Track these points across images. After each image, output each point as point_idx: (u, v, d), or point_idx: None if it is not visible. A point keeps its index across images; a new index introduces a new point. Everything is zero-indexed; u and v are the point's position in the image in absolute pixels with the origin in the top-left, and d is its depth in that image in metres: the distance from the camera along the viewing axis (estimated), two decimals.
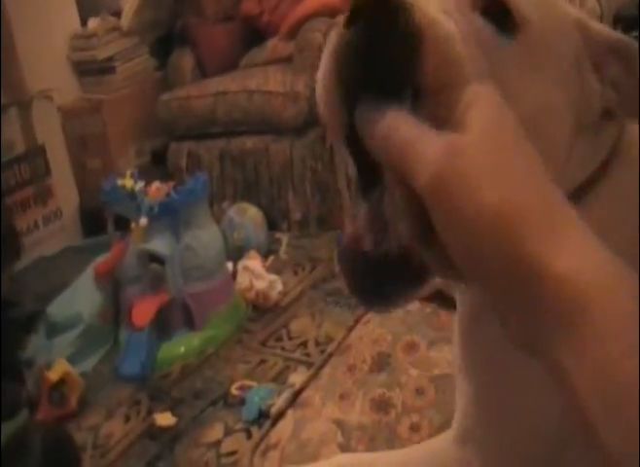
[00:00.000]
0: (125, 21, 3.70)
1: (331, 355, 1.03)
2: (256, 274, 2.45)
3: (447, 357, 0.94)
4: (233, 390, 1.98)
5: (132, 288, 2.39)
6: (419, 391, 0.90)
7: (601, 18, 2.53)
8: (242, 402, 1.90)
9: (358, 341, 1.05)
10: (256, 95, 3.13)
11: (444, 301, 1.07)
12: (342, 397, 0.93)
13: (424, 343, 0.97)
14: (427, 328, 1.01)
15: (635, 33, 2.76)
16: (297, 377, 1.81)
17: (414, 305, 1.06)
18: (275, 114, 3.08)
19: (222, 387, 2.04)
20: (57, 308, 2.44)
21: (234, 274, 2.52)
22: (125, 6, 3.76)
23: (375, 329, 1.06)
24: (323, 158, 3.03)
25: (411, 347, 0.98)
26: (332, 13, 3.10)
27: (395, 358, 0.96)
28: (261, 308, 2.43)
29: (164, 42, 3.78)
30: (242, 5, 3.71)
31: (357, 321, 1.12)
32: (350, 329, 1.09)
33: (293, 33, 3.22)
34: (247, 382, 2.00)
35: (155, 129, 3.56)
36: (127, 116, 3.55)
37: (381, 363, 0.97)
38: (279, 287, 2.45)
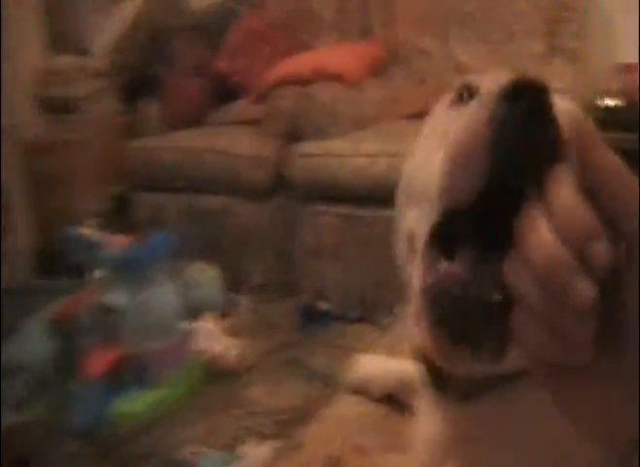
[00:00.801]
0: (96, 62, 3.75)
1: (285, 452, 1.09)
2: (212, 337, 2.48)
3: (396, 465, 1.01)
4: (187, 454, 2.00)
5: (87, 339, 2.39)
6: None
7: None
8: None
9: (312, 438, 1.10)
10: (222, 156, 3.21)
11: (396, 405, 1.12)
12: None
13: (375, 448, 1.03)
14: (379, 432, 1.07)
15: (599, 132, 2.92)
16: (246, 449, 1.85)
17: (368, 407, 1.13)
18: (240, 176, 3.16)
19: (172, 450, 2.05)
20: (5, 351, 2.43)
21: (191, 335, 2.54)
22: (98, 46, 3.80)
23: (328, 428, 1.11)
24: (285, 225, 3.11)
25: (362, 450, 1.03)
26: (302, 82, 3.19)
27: (344, 461, 1.01)
28: (216, 372, 2.46)
29: (133, 88, 3.81)
30: (214, 62, 3.79)
31: (310, 417, 1.17)
32: (304, 425, 1.14)
33: (263, 97, 3.30)
34: (198, 448, 2.02)
35: (119, 176, 3.59)
36: (92, 159, 3.57)
37: (332, 464, 1.02)
38: (235, 351, 2.48)
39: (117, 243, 2.53)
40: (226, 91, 3.76)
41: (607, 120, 2.98)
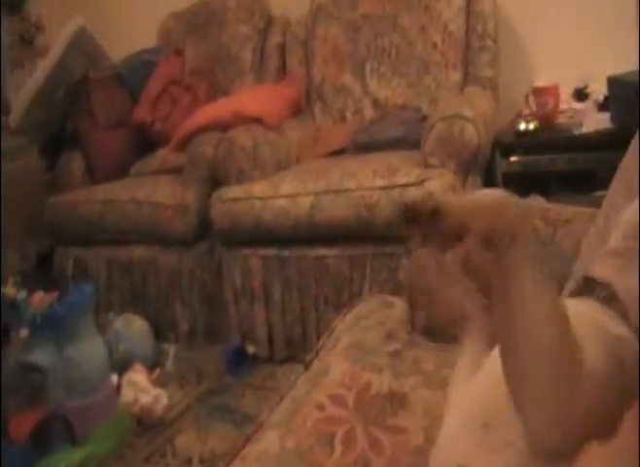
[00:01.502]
0: (14, 120, 3.75)
1: None
2: (140, 388, 2.48)
3: None
4: None
5: (11, 400, 2.38)
6: None
7: (479, 146, 2.75)
8: None
9: None
10: (145, 206, 3.23)
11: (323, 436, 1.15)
12: None
13: None
14: (302, 465, 1.09)
15: (513, 157, 3.02)
16: None
17: (290, 442, 1.15)
18: (164, 225, 3.18)
19: None
20: None
21: (119, 388, 2.53)
22: (15, 104, 3.80)
23: (252, 464, 1.13)
24: (211, 270, 3.12)
25: None
26: (222, 127, 3.23)
27: None
28: (145, 423, 2.45)
29: (54, 143, 3.82)
30: (134, 112, 3.81)
31: (234, 456, 1.18)
32: (228, 464, 1.16)
33: (183, 145, 3.33)
34: None
35: (41, 232, 3.57)
36: (13, 216, 3.55)
37: None
38: (164, 401, 2.48)
39: (39, 301, 2.52)
40: (147, 141, 3.78)
41: (523, 143, 3.08)
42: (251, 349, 2.88)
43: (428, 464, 0.92)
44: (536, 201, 1.63)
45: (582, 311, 0.83)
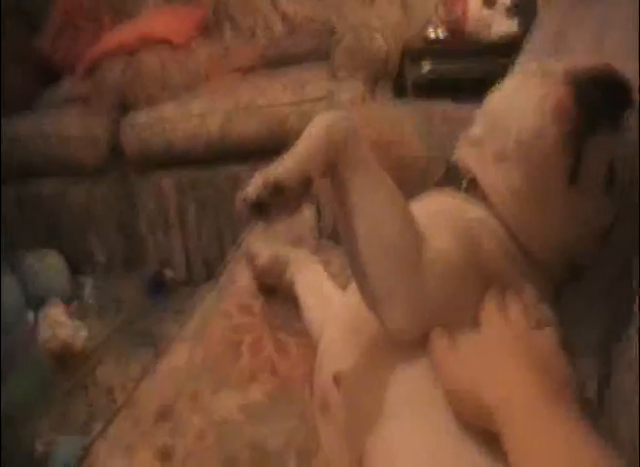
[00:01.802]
0: None
1: (120, 409, 1.08)
2: (58, 323, 2.44)
3: (229, 402, 1.02)
4: (38, 446, 1.96)
5: None
6: (200, 437, 0.97)
7: (388, 55, 2.72)
8: (48, 457, 1.90)
9: (145, 393, 1.10)
10: (52, 138, 3.11)
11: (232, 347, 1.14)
12: (128, 449, 0.98)
13: (207, 391, 1.04)
14: (209, 374, 1.08)
15: (423, 65, 3.00)
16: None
17: (198, 353, 1.13)
18: (73, 157, 3.07)
19: (25, 444, 2.02)
20: None
21: (36, 324, 2.49)
22: None
23: (162, 380, 1.11)
24: (125, 198, 3.05)
25: (194, 396, 1.04)
26: (129, 51, 3.12)
27: (179, 408, 1.02)
28: (66, 357, 2.41)
29: None
30: (36, 42, 3.66)
31: (144, 373, 1.17)
32: (138, 381, 1.14)
33: (89, 72, 3.21)
34: (50, 438, 1.98)
35: None
36: None
37: (165, 413, 1.02)
38: (84, 333, 2.45)
39: None
40: (52, 72, 3.64)
41: (433, 50, 3.06)
42: (169, 274, 2.85)
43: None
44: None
45: (435, 201, 0.90)
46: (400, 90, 3.03)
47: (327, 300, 1.09)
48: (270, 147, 2.59)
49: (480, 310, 0.77)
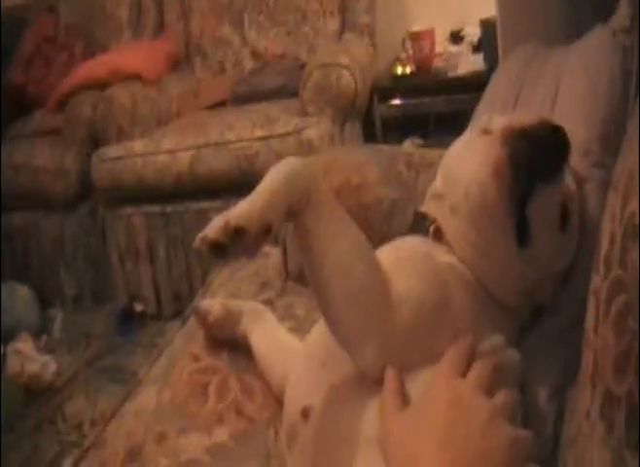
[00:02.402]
0: None
1: (87, 450, 1.09)
2: (27, 357, 2.44)
3: (195, 443, 1.04)
4: None
5: None
6: None
7: (356, 92, 2.77)
8: None
9: (113, 434, 1.12)
10: (22, 170, 3.13)
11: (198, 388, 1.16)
12: None
13: (174, 433, 1.06)
14: (178, 416, 1.10)
15: (391, 102, 3.06)
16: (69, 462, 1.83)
17: (166, 395, 1.15)
18: (44, 189, 3.10)
19: None
20: None
21: (4, 358, 2.48)
22: None
23: (130, 421, 1.13)
24: (94, 232, 3.07)
25: (162, 437, 1.06)
26: (100, 85, 3.15)
27: (146, 449, 1.04)
28: (34, 392, 2.41)
29: None
30: (7, 74, 3.67)
31: (113, 414, 1.19)
32: (107, 422, 1.16)
33: (60, 105, 3.23)
34: None
35: None
36: None
37: (133, 454, 1.04)
38: (52, 368, 2.45)
39: None
40: (22, 104, 3.65)
41: (401, 86, 3.12)
42: (138, 308, 2.86)
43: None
44: (410, 146, 1.65)
45: (406, 246, 0.94)
46: (369, 128, 3.08)
47: (285, 346, 1.11)
48: (240, 183, 2.64)
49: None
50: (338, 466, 0.78)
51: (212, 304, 1.23)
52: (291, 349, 1.08)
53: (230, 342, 1.21)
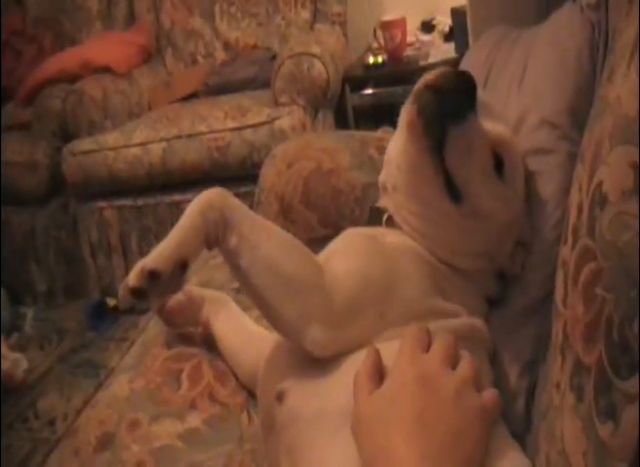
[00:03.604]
0: None
1: (59, 440, 1.09)
2: None
3: (168, 429, 1.04)
4: None
5: None
6: (139, 464, 0.99)
7: (328, 82, 2.77)
8: None
9: (85, 423, 1.12)
10: None
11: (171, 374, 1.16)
12: None
13: (146, 420, 1.06)
14: (151, 404, 1.10)
15: (363, 91, 3.06)
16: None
17: (139, 383, 1.15)
18: (14, 184, 3.07)
19: None
20: None
21: None
22: None
23: (103, 409, 1.13)
24: (66, 226, 3.05)
25: (134, 424, 1.06)
26: (70, 78, 3.13)
27: (119, 436, 1.04)
28: (6, 390, 2.38)
29: None
30: None
31: (85, 403, 1.18)
32: (79, 412, 1.15)
33: (30, 99, 3.21)
34: None
35: None
36: None
37: (105, 442, 1.04)
38: (24, 365, 2.43)
39: None
40: None
41: (372, 76, 3.12)
42: (112, 302, 2.84)
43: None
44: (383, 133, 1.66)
45: (354, 232, 0.98)
46: (342, 117, 3.09)
47: (250, 333, 1.12)
48: (212, 174, 2.63)
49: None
50: (314, 445, 0.78)
51: None
52: (258, 336, 1.08)
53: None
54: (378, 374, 0.74)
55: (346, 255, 0.88)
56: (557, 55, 0.99)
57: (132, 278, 0.78)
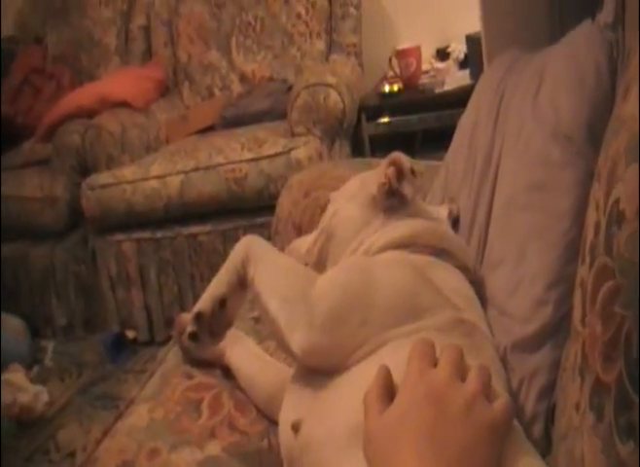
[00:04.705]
0: None
1: None
2: (19, 388, 2.42)
3: (187, 458, 1.04)
4: None
5: None
6: None
7: (344, 111, 2.79)
8: None
9: (105, 452, 1.12)
10: (11, 201, 3.13)
11: (192, 404, 1.16)
12: None
13: (166, 448, 1.06)
14: (170, 433, 1.09)
15: (379, 120, 3.08)
16: None
17: (158, 413, 1.15)
18: (33, 219, 3.11)
19: None
20: None
21: None
22: None
23: (122, 439, 1.13)
24: (85, 260, 3.08)
25: (154, 453, 1.06)
26: (88, 114, 3.17)
27: (138, 465, 1.04)
28: (27, 422, 2.40)
29: None
30: None
31: (104, 434, 1.18)
32: (99, 442, 1.15)
33: (49, 135, 3.24)
34: None
35: None
36: None
37: None
38: (45, 398, 2.44)
39: None
40: (11, 135, 3.66)
41: (388, 104, 3.14)
42: (131, 335, 2.86)
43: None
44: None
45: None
46: (358, 147, 3.10)
47: (267, 364, 1.17)
48: (229, 206, 2.65)
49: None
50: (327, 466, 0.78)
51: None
52: (273, 366, 1.14)
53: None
54: (388, 393, 0.73)
55: (334, 270, 0.96)
56: (576, 71, 0.98)
57: (190, 326, 0.93)
